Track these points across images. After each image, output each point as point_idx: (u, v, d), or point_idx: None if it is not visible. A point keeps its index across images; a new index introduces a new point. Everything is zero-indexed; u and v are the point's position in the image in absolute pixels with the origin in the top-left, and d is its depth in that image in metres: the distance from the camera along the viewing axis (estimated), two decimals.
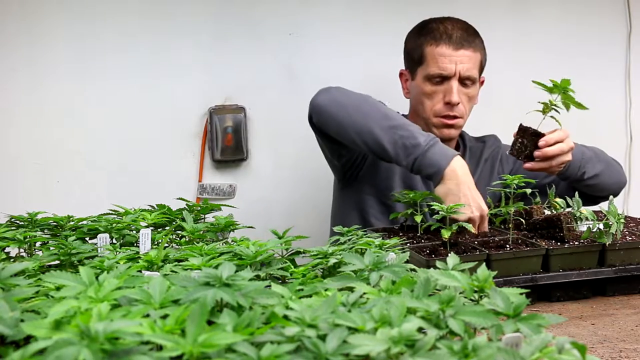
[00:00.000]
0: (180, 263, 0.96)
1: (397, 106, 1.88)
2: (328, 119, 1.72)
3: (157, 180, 2.19)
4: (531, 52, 2.44)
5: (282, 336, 0.63)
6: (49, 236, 1.27)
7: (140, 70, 2.18)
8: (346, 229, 1.23)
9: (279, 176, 2.29)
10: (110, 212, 1.42)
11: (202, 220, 1.44)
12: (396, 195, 1.63)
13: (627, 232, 1.47)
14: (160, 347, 0.62)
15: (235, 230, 1.34)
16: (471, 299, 0.77)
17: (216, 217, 1.35)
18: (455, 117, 1.89)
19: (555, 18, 2.47)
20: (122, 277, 0.76)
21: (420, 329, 0.66)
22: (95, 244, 1.18)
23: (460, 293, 0.76)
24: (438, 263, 0.86)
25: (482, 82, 1.99)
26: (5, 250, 1.16)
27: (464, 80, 1.87)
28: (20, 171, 2.13)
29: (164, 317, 0.66)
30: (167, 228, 1.32)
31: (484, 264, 0.91)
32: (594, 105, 2.42)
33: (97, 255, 1.09)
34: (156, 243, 1.21)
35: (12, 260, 1.15)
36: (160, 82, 2.19)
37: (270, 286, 0.77)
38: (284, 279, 0.98)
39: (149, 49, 2.18)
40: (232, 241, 1.19)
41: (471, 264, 0.87)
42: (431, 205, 1.45)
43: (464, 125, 1.96)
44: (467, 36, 1.88)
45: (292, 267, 0.99)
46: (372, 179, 1.95)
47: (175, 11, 2.19)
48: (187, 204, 1.48)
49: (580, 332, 1.15)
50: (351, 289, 0.81)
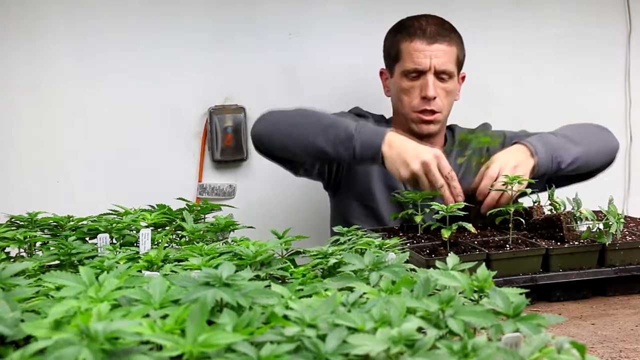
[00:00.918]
0: (180, 263, 0.96)
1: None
2: (268, 145, 1.78)
3: (157, 180, 2.19)
4: (531, 51, 2.44)
5: (282, 336, 0.63)
6: (49, 236, 1.27)
7: (140, 70, 2.18)
8: (346, 229, 1.23)
9: (279, 176, 2.28)
10: (110, 212, 1.42)
11: (202, 220, 1.44)
12: (396, 196, 1.63)
13: (627, 232, 1.47)
14: (160, 347, 0.62)
15: (235, 230, 1.34)
16: (471, 299, 0.77)
17: (216, 217, 1.35)
18: (433, 112, 1.88)
19: (555, 18, 2.47)
20: (122, 277, 0.76)
21: (420, 329, 0.66)
22: (95, 244, 1.18)
23: (460, 293, 0.76)
24: (438, 263, 0.86)
25: (462, 77, 1.98)
26: (5, 250, 1.16)
27: (439, 74, 1.86)
28: (20, 171, 2.13)
29: (164, 317, 0.66)
30: (167, 228, 1.32)
31: (484, 263, 0.91)
32: (594, 105, 2.44)
33: (97, 255, 1.09)
34: (156, 243, 1.21)
35: (12, 260, 1.15)
36: (160, 82, 2.19)
37: (270, 286, 0.78)
38: (284, 279, 0.98)
39: (149, 48, 2.18)
40: (232, 241, 1.18)
41: (471, 264, 0.87)
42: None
43: (446, 120, 1.95)
44: (441, 30, 1.88)
45: (292, 267, 0.99)
46: (352, 184, 1.97)
47: (175, 11, 2.19)
48: (187, 204, 1.48)
49: (580, 332, 1.15)
50: (351, 289, 0.81)
